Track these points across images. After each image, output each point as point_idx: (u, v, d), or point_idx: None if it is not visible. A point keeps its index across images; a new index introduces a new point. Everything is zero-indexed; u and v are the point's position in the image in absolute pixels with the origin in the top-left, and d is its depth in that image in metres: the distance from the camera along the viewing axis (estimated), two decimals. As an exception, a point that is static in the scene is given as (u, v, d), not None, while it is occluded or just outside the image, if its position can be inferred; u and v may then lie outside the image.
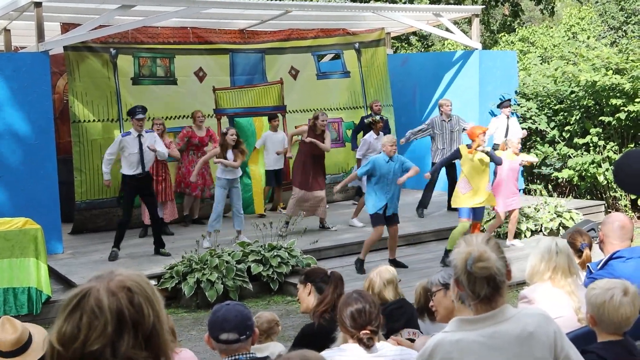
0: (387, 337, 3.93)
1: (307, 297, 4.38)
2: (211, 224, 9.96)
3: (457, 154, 9.31)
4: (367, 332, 3.41)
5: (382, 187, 8.76)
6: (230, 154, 9.87)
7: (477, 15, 13.88)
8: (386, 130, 11.92)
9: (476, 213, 9.26)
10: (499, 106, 12.65)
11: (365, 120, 12.25)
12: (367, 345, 3.40)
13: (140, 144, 9.37)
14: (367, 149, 11.34)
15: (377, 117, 11.81)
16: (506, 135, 11.81)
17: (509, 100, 12.78)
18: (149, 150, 9.42)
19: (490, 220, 10.41)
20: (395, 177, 8.81)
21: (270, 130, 12.05)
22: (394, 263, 8.86)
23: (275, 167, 12.04)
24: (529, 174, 13.98)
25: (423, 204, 11.89)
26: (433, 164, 11.77)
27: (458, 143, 11.60)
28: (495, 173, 10.36)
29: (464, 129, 11.75)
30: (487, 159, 9.18)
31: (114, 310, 1.57)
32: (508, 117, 12.41)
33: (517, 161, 10.07)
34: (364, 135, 11.88)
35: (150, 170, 9.75)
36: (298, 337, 4.33)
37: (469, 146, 9.17)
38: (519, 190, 10.77)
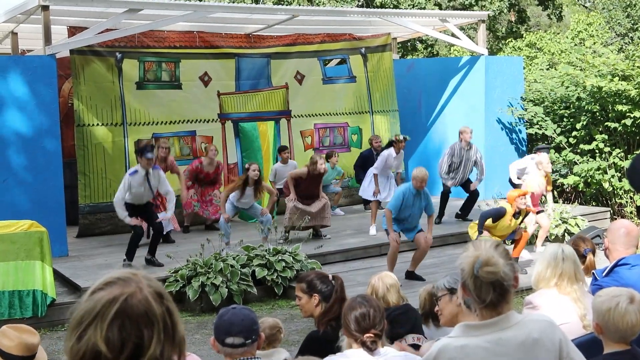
0: (391, 342, 3.92)
1: (315, 307, 4.34)
2: (226, 234, 9.89)
3: (503, 212, 8.89)
4: (371, 335, 3.41)
5: (400, 215, 8.68)
6: (248, 190, 9.94)
7: (483, 21, 13.88)
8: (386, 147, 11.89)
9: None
10: (536, 150, 11.81)
11: (389, 138, 12.29)
12: (371, 348, 3.41)
13: (148, 181, 9.12)
14: (384, 164, 11.30)
15: (402, 137, 11.62)
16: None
17: (549, 149, 12.40)
18: (154, 185, 9.21)
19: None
20: (417, 212, 8.70)
21: (280, 163, 11.81)
22: (411, 275, 8.79)
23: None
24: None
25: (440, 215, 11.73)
26: (445, 188, 11.70)
27: (469, 172, 11.60)
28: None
29: (475, 162, 11.60)
30: (517, 221, 8.95)
31: (161, 317, 1.52)
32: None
33: (544, 184, 9.90)
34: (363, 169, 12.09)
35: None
36: (304, 344, 4.32)
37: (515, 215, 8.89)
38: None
